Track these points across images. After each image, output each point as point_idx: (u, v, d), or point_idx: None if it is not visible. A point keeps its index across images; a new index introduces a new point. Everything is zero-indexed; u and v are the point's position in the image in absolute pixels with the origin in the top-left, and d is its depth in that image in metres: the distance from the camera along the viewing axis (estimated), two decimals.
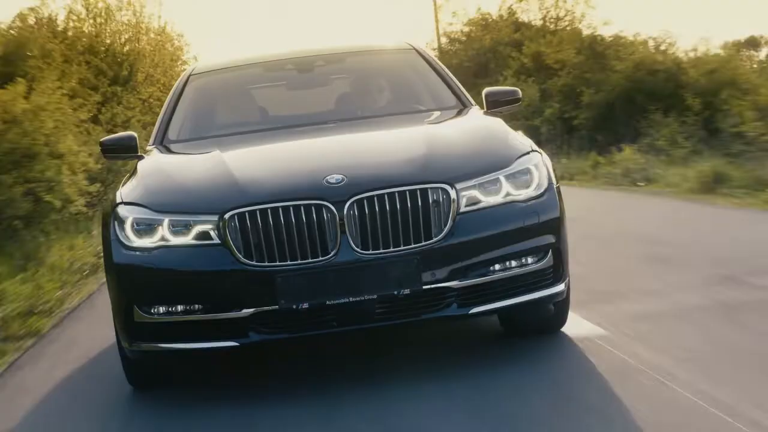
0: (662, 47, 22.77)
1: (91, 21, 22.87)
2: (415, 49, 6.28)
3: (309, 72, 6.17)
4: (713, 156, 13.66)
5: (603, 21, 31.68)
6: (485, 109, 5.48)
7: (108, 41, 22.74)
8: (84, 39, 21.29)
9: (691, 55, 20.80)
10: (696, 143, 15.83)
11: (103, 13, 23.24)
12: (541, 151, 4.66)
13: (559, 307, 4.71)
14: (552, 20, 31.86)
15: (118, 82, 20.87)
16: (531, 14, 32.73)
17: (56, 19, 21.68)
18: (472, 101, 5.71)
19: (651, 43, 23.12)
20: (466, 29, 34.97)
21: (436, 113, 5.52)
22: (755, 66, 17.79)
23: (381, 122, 5.37)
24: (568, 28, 30.13)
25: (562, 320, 4.84)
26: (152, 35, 25.01)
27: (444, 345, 4.91)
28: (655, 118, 18.12)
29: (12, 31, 17.13)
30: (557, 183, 4.53)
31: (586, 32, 27.65)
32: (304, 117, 5.83)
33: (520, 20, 32.65)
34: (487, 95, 5.53)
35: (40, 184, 10.11)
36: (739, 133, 13.79)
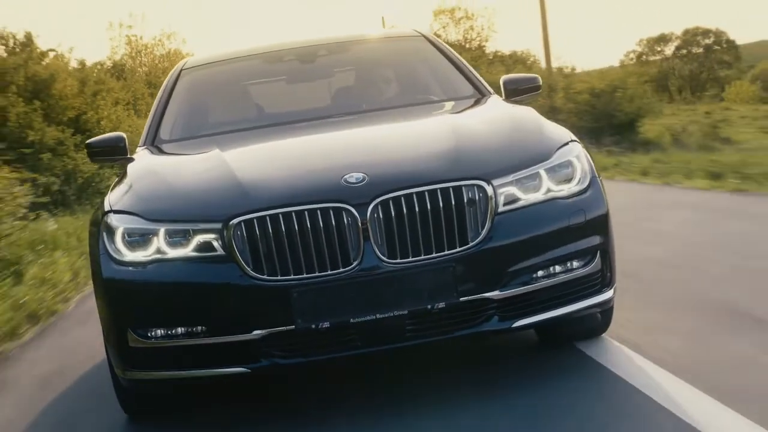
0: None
1: (134, 55, 33.77)
2: (423, 35, 5.72)
3: (311, 63, 5.56)
4: None
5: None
6: (504, 98, 4.91)
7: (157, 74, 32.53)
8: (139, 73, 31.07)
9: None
10: None
11: (144, 50, 34.04)
12: (579, 140, 4.08)
13: (605, 314, 4.12)
14: (468, 41, 40.65)
15: None
16: (452, 35, 41.19)
17: (125, 64, 31.12)
18: (491, 90, 5.13)
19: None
20: None
21: (453, 103, 4.95)
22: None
23: (397, 114, 4.77)
24: (478, 47, 39.65)
25: (606, 325, 4.24)
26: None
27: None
28: None
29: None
30: (599, 176, 3.94)
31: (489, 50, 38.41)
32: (308, 111, 5.22)
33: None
34: (505, 83, 5.00)
35: None
36: None
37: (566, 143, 3.93)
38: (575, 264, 3.71)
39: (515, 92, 4.95)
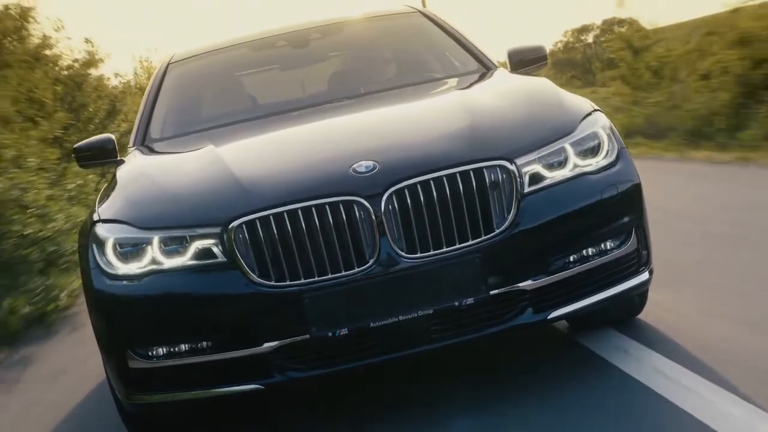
0: None
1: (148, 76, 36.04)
2: (419, 11, 5.28)
3: (304, 47, 5.11)
4: None
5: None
6: (510, 71, 4.48)
7: None
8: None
9: None
10: None
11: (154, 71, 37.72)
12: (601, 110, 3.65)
13: (641, 294, 3.71)
14: None
15: None
16: None
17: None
18: (496, 63, 4.69)
19: None
20: None
21: (458, 79, 4.52)
22: None
23: (401, 95, 4.33)
24: None
25: (642, 307, 3.83)
26: None
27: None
28: None
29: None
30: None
31: None
32: (305, 98, 4.79)
33: None
34: (511, 55, 4.57)
35: None
36: None
37: (589, 114, 3.51)
38: (610, 245, 3.29)
39: (521, 64, 4.52)
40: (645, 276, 3.41)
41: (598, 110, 3.58)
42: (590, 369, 3.48)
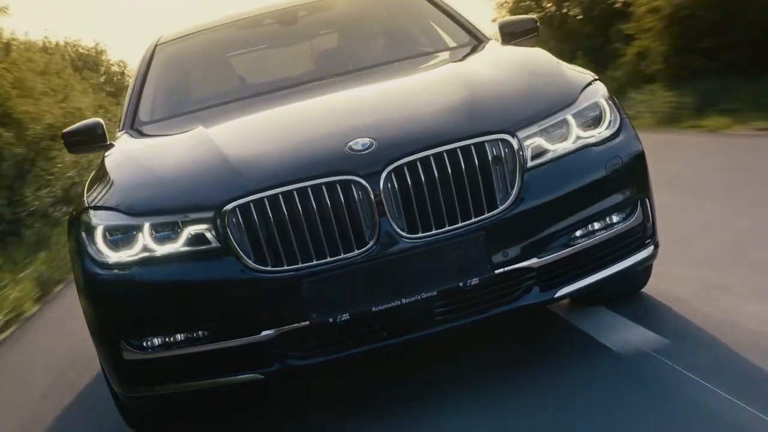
0: None
1: None
2: None
3: (292, 24, 4.88)
4: None
5: None
6: (501, 43, 4.27)
7: None
8: None
9: None
10: None
11: None
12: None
13: (646, 268, 3.52)
14: None
15: None
16: None
17: None
18: (488, 37, 4.48)
19: None
20: None
21: (451, 52, 4.32)
22: None
23: (395, 69, 4.11)
24: None
25: (646, 280, 3.65)
26: None
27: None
28: None
29: None
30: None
31: None
32: (296, 77, 4.54)
33: None
34: (502, 27, 4.37)
35: None
36: None
37: (589, 83, 3.31)
38: (615, 218, 3.11)
39: (513, 36, 4.31)
40: (651, 249, 3.23)
41: (597, 80, 3.39)
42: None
